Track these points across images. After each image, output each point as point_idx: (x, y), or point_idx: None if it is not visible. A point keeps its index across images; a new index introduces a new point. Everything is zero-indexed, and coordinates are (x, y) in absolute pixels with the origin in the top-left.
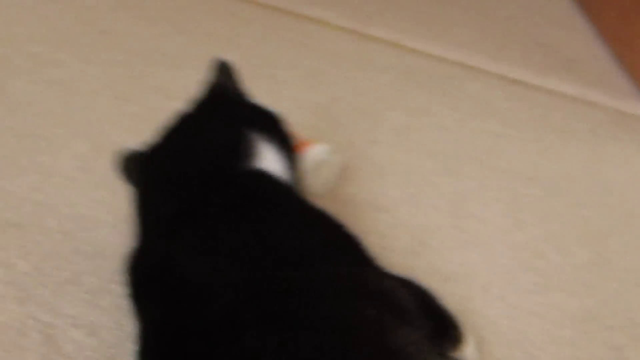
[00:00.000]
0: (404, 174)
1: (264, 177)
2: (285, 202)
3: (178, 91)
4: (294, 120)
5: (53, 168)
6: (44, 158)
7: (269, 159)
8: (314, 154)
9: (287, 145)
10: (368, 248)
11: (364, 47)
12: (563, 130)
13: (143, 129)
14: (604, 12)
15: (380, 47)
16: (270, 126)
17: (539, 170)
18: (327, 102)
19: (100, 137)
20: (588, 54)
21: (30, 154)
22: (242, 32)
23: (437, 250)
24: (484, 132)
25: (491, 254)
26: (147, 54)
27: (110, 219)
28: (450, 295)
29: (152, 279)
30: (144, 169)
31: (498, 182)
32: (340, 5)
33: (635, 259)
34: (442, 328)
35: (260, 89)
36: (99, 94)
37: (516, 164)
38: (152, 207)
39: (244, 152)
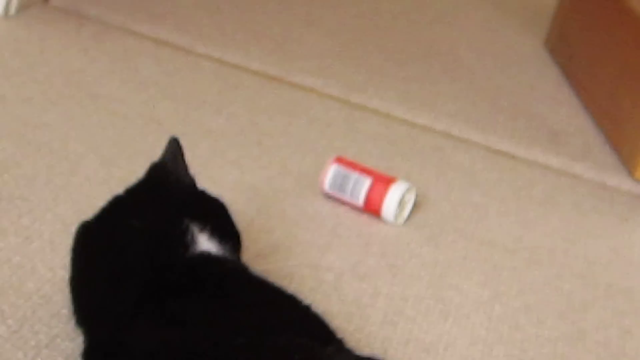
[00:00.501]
0: (385, 244)
1: (211, 259)
2: (237, 282)
3: None
4: (280, 187)
5: (35, 231)
6: (26, 221)
7: (208, 245)
8: (399, 188)
9: (228, 229)
10: (328, 324)
11: (352, 116)
12: (546, 203)
13: None
14: (591, 86)
15: (368, 115)
16: (210, 213)
17: (521, 242)
18: (313, 171)
19: (84, 201)
20: (574, 127)
21: (12, 216)
22: (231, 97)
23: (415, 320)
24: (467, 203)
25: (469, 326)
26: (134, 118)
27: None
28: None
29: None
30: (82, 250)
31: (479, 253)
32: (329, 73)
33: (612, 333)
34: None
35: (246, 156)
36: (84, 158)
37: (498, 236)
38: (96, 295)
39: (184, 239)
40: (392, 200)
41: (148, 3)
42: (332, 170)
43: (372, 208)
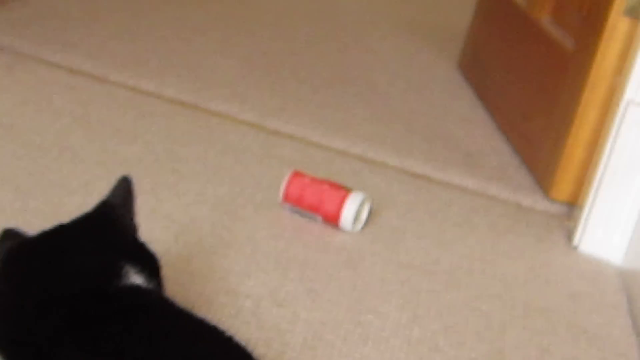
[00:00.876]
0: (303, 269)
1: (138, 291)
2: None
3: (79, 186)
4: (197, 214)
5: None
6: None
7: (136, 278)
8: (356, 198)
9: (156, 271)
10: (251, 354)
11: (267, 141)
12: (463, 224)
13: (44, 225)
14: (505, 107)
15: (283, 141)
16: (144, 258)
17: (438, 264)
18: (229, 197)
19: None
20: (489, 149)
21: None
22: (146, 125)
23: (335, 345)
24: (384, 226)
25: (389, 349)
26: (49, 148)
27: None
28: None
29: None
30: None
31: (397, 276)
32: (244, 99)
33: (530, 352)
34: None
35: (162, 184)
36: None
37: (415, 258)
38: (20, 320)
39: (114, 271)
40: (349, 212)
41: (61, 32)
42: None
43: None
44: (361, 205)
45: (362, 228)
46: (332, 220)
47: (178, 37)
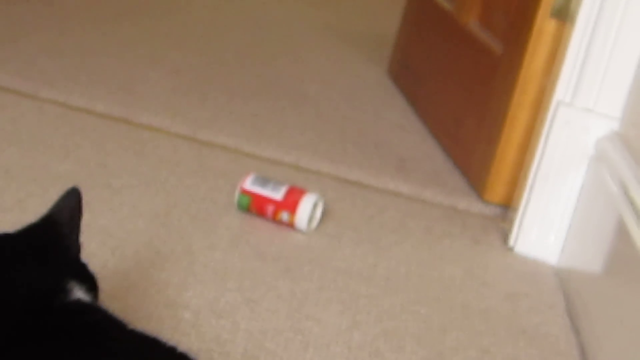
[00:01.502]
0: (241, 278)
1: (83, 306)
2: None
3: (13, 204)
4: (132, 228)
5: None
6: None
7: (80, 294)
8: (310, 198)
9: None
10: None
11: (200, 153)
12: (399, 229)
13: None
14: (436, 111)
15: (216, 152)
16: (86, 275)
17: (376, 269)
18: (164, 210)
19: None
20: (421, 154)
21: None
22: (78, 141)
23: (276, 353)
24: (320, 233)
25: (330, 355)
26: None
27: None
28: None
29: None
30: None
31: (335, 282)
32: (175, 112)
33: (471, 353)
34: None
35: (97, 198)
36: None
37: (353, 264)
38: None
39: (58, 286)
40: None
41: None
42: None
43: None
44: (315, 205)
45: (306, 232)
46: (291, 208)
47: (107, 52)
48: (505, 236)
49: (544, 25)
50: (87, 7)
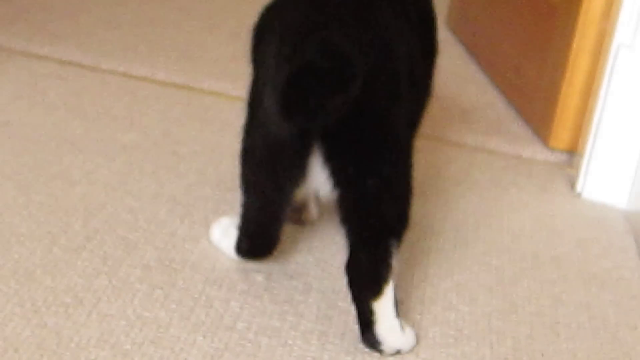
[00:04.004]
0: (310, 240)
1: None
2: None
3: (80, 176)
4: (200, 194)
5: None
6: None
7: None
8: None
9: None
10: None
11: None
12: (465, 181)
13: (49, 218)
14: (496, 61)
15: None
16: None
17: (445, 222)
18: (230, 175)
19: (6, 230)
20: (484, 104)
21: None
22: (141, 110)
23: (349, 312)
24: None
25: (403, 311)
26: (47, 141)
27: (19, 311)
28: (365, 355)
29: None
30: None
31: (406, 237)
32: (235, 76)
33: (543, 302)
34: None
35: (163, 166)
36: (1, 186)
37: (422, 219)
38: None
39: None
40: None
41: (47, 25)
42: None
43: None
44: None
45: None
46: None
47: (164, 20)
48: (572, 182)
49: None
50: None
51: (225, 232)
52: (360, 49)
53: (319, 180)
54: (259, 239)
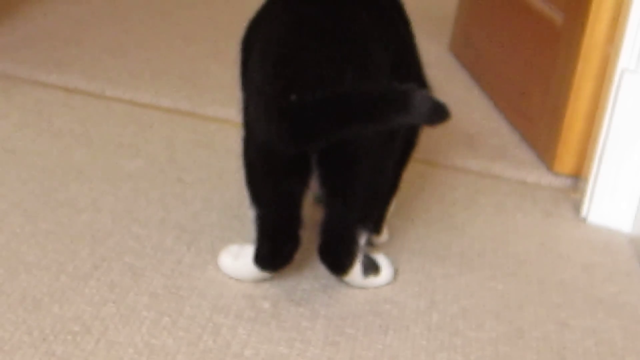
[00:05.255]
0: (316, 266)
1: None
2: None
3: (87, 204)
4: (206, 221)
5: None
6: None
7: None
8: None
9: None
10: None
11: None
12: (470, 206)
13: (57, 246)
14: (500, 86)
15: None
16: None
17: (450, 248)
18: (237, 201)
19: (13, 258)
20: (488, 129)
21: None
22: (147, 137)
23: (356, 338)
24: (392, 215)
25: (410, 337)
26: (53, 168)
27: (27, 340)
28: None
29: None
30: None
31: (410, 264)
32: (239, 102)
33: (550, 327)
34: None
35: (169, 193)
36: (8, 215)
37: (427, 244)
38: None
39: None
40: None
41: (53, 53)
42: None
43: None
44: None
45: None
46: None
47: (169, 47)
48: (577, 207)
49: None
50: (147, 3)
51: (236, 257)
52: (335, 70)
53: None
54: (280, 240)
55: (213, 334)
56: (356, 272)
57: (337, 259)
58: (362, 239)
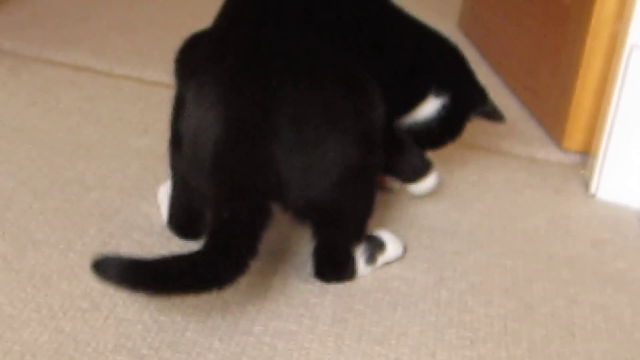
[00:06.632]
0: None
1: None
2: None
3: (95, 181)
4: None
5: None
6: None
7: None
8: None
9: None
10: None
11: None
12: (479, 183)
13: (65, 224)
14: (509, 62)
15: None
16: None
17: (459, 224)
18: None
19: (23, 236)
20: (498, 106)
21: None
22: (155, 115)
23: (365, 314)
24: (401, 192)
25: (419, 313)
26: (61, 146)
27: (36, 317)
28: (382, 357)
29: None
30: None
31: (419, 240)
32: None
33: (559, 303)
34: None
35: None
36: (16, 192)
37: (436, 221)
38: None
39: None
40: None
41: (61, 31)
42: None
43: None
44: None
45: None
46: None
47: (176, 24)
48: (586, 183)
49: None
50: None
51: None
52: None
53: None
54: (185, 224)
55: (222, 310)
56: (361, 269)
57: (336, 277)
58: (358, 251)
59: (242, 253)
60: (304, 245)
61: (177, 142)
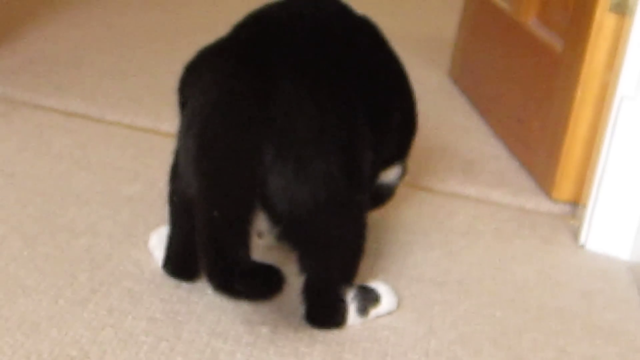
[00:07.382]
0: None
1: None
2: None
3: (86, 228)
4: None
5: None
6: None
7: None
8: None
9: None
10: None
11: None
12: (469, 233)
13: (55, 270)
14: (499, 112)
15: None
16: None
17: (449, 274)
18: None
19: (12, 282)
20: (487, 155)
21: None
22: (146, 162)
23: None
24: (392, 241)
25: None
26: (52, 192)
27: None
28: None
29: None
30: None
31: (409, 290)
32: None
33: (548, 354)
34: None
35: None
36: (6, 238)
37: (425, 271)
38: None
39: None
40: None
41: (52, 76)
42: None
43: None
44: None
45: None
46: None
47: (168, 71)
48: (575, 234)
49: (604, 19)
50: (145, 28)
51: (161, 242)
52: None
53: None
54: (185, 263)
55: (211, 359)
56: (352, 318)
57: (327, 321)
58: (349, 295)
59: (236, 250)
60: (293, 293)
61: (177, 171)
